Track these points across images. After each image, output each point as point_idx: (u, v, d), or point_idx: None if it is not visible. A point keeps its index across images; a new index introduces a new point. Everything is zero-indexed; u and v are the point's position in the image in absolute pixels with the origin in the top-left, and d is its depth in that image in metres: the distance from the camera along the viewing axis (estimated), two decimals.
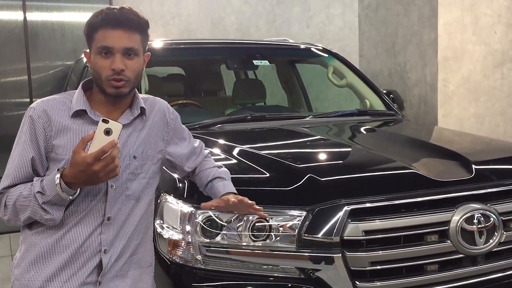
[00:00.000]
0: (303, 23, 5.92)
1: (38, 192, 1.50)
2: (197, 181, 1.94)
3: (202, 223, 1.93)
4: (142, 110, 1.72)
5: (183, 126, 1.92)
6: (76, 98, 1.64)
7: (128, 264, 1.69)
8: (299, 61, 4.35)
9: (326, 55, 3.78)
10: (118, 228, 1.64)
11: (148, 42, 1.75)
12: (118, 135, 1.46)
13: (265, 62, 3.92)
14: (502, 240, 2.04)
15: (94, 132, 1.46)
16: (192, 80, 4.43)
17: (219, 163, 1.99)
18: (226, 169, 1.96)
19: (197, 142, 1.96)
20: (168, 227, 2.03)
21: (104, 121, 1.46)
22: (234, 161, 2.30)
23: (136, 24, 1.63)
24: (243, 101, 3.87)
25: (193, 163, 1.91)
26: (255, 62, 3.81)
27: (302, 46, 3.87)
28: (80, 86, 1.69)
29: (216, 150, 2.48)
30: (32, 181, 1.55)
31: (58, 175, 1.48)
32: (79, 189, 1.53)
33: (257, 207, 1.79)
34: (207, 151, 1.99)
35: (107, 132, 1.45)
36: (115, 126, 1.47)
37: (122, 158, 1.63)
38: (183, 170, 1.91)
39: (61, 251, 1.60)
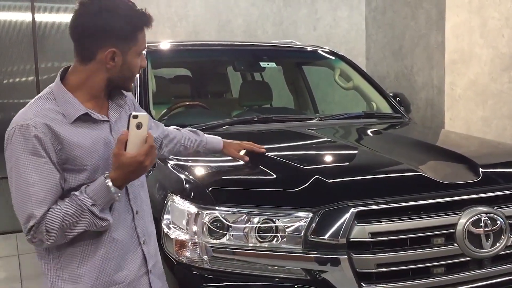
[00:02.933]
0: (310, 26, 5.92)
1: (92, 205, 1.47)
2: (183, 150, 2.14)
3: (208, 224, 1.94)
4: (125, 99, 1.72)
5: None
6: (64, 101, 1.54)
7: (157, 248, 1.78)
8: (306, 63, 4.35)
9: (333, 58, 3.78)
10: (144, 217, 1.70)
11: (155, 44, 1.75)
12: (147, 125, 1.50)
13: (272, 64, 3.93)
14: (509, 244, 2.04)
15: (127, 130, 1.48)
16: (199, 82, 4.45)
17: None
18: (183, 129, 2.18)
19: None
20: (175, 227, 2.03)
21: (134, 116, 1.48)
22: (241, 162, 2.31)
23: None
24: (250, 103, 3.87)
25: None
26: (262, 64, 3.82)
27: (309, 49, 3.88)
28: (61, 86, 1.57)
29: None
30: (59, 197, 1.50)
31: (109, 181, 1.48)
32: None
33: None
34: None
35: (138, 126, 1.48)
36: (144, 118, 1.50)
37: None
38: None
39: (109, 254, 1.59)
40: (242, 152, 2.30)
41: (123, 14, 1.53)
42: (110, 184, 1.47)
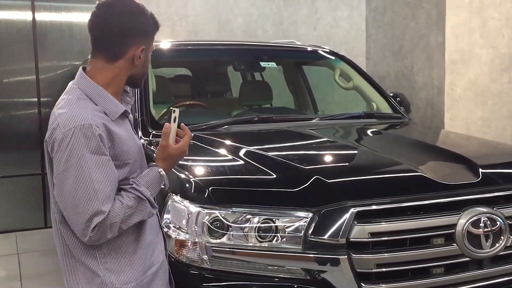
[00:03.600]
0: (310, 26, 5.91)
1: (151, 195, 1.60)
2: None
3: (208, 224, 1.94)
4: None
5: None
6: (106, 100, 1.62)
7: None
8: (306, 63, 4.35)
9: (333, 58, 3.78)
10: None
11: (155, 43, 1.78)
12: (178, 117, 1.67)
13: (272, 64, 3.93)
14: (508, 244, 2.04)
15: (170, 124, 1.64)
16: (199, 81, 4.44)
17: None
18: None
19: None
20: (175, 227, 2.03)
21: (173, 111, 1.66)
22: (241, 162, 2.31)
23: None
24: (250, 103, 3.87)
25: None
26: (262, 64, 3.82)
27: (309, 48, 3.88)
28: (101, 88, 1.62)
29: (223, 151, 2.49)
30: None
31: (162, 171, 1.63)
32: None
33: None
34: None
35: (174, 119, 1.66)
36: (177, 112, 1.68)
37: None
38: None
39: (148, 240, 1.70)
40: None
41: (148, 15, 1.67)
42: (164, 173, 1.63)
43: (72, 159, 1.50)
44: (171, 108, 1.68)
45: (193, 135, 1.75)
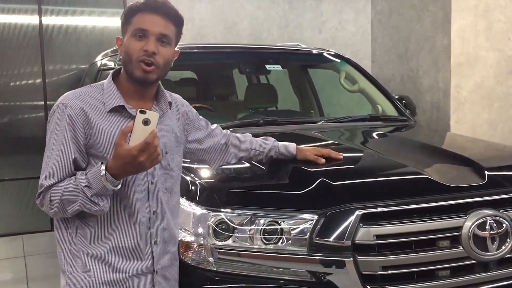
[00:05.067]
0: (315, 29, 5.93)
1: (85, 186, 1.55)
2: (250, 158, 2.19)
3: (214, 226, 1.95)
4: (170, 105, 1.81)
5: (199, 116, 2.05)
6: (108, 92, 1.68)
7: (174, 253, 1.86)
8: (311, 66, 4.36)
9: (338, 60, 3.78)
10: (165, 221, 1.78)
11: None
12: (156, 124, 1.51)
13: (278, 67, 3.93)
14: None
15: (133, 123, 1.50)
16: (205, 84, 4.46)
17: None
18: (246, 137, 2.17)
19: (214, 126, 2.10)
20: (180, 229, 2.04)
21: (142, 111, 1.50)
22: (246, 164, 2.31)
23: (174, 15, 1.69)
24: (255, 106, 3.88)
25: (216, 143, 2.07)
26: (268, 67, 3.82)
27: (315, 51, 3.88)
28: (110, 78, 1.72)
29: None
30: (74, 175, 1.61)
31: (103, 168, 1.53)
32: (122, 179, 1.59)
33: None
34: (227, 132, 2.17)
35: (145, 122, 1.49)
36: (153, 115, 1.51)
37: None
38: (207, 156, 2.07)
39: (121, 244, 1.68)
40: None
41: (131, 4, 1.70)
42: (103, 171, 1.53)
43: (49, 131, 1.65)
44: (139, 108, 1.53)
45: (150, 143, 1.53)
